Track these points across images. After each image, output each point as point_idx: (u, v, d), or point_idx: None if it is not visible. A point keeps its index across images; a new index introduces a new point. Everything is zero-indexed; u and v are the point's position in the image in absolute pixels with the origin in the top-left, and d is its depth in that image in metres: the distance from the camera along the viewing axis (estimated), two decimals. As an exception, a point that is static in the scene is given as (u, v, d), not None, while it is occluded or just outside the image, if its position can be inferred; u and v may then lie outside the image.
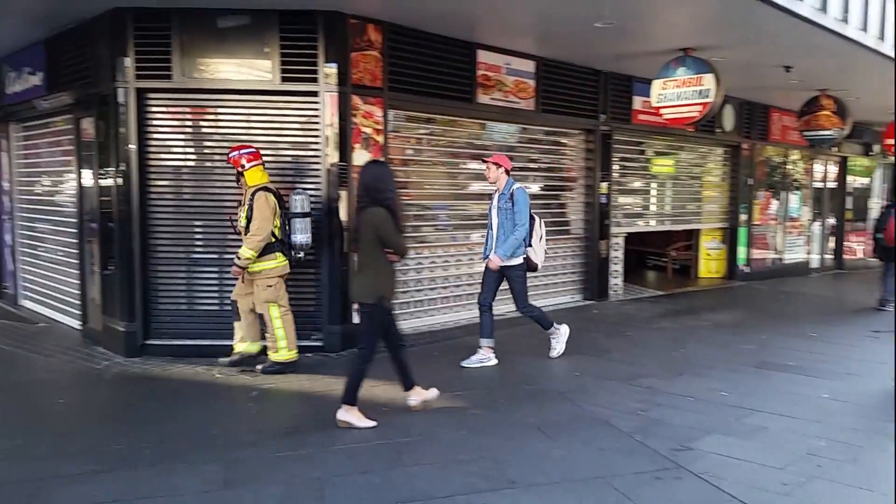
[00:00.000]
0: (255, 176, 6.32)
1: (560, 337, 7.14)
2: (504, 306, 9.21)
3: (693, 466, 4.37)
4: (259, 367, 6.52)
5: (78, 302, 8.22)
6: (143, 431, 5.03)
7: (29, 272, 9.80)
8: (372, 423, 5.06)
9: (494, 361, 6.83)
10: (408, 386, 5.41)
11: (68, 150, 8.28)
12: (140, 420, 5.34)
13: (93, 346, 7.56)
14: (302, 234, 6.50)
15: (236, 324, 6.58)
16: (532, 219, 6.78)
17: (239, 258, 6.22)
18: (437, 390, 5.51)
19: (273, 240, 6.28)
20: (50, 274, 9.18)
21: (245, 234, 6.23)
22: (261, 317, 6.46)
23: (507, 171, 6.82)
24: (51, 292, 9.19)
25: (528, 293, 7.04)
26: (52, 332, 8.35)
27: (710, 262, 13.29)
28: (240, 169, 6.35)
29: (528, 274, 7.02)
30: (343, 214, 7.19)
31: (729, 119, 12.33)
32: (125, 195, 7.09)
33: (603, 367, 6.75)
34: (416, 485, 4.12)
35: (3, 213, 10.18)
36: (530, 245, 6.81)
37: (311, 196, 7.18)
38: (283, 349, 6.45)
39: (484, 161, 6.96)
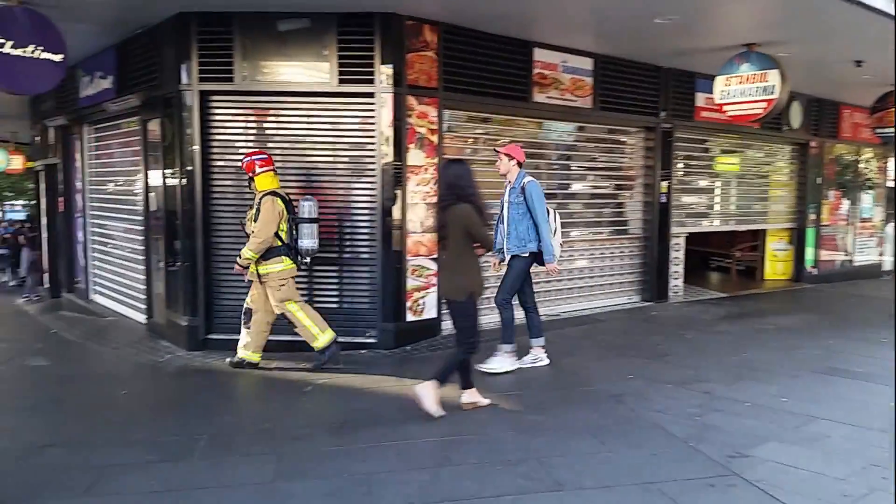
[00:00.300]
0: (265, 181, 6.51)
1: (506, 360, 6.52)
2: (559, 306, 9.18)
3: (748, 474, 4.25)
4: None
5: (144, 297, 8.53)
6: (201, 423, 5.20)
7: (99, 268, 10.21)
8: (440, 413, 5.18)
9: (546, 362, 6.76)
10: (465, 385, 5.49)
11: (136, 151, 8.59)
12: (198, 412, 5.52)
13: (157, 339, 7.84)
14: (308, 240, 6.66)
15: (244, 329, 6.71)
16: (546, 211, 6.49)
17: (240, 257, 6.46)
18: (491, 401, 5.56)
19: (279, 244, 6.46)
20: (118, 270, 9.55)
21: None
22: (283, 316, 6.61)
23: (519, 164, 6.55)
24: (119, 287, 9.56)
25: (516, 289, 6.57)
26: (119, 326, 8.70)
27: (776, 264, 12.89)
28: (251, 174, 6.54)
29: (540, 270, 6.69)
30: (397, 213, 7.26)
31: (796, 116, 11.92)
32: (189, 194, 7.33)
33: (659, 370, 6.61)
34: (463, 484, 4.12)
35: (76, 211, 10.64)
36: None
37: (367, 195, 7.32)
38: (318, 334, 6.57)
39: (496, 151, 6.69)
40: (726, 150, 11.78)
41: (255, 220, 6.39)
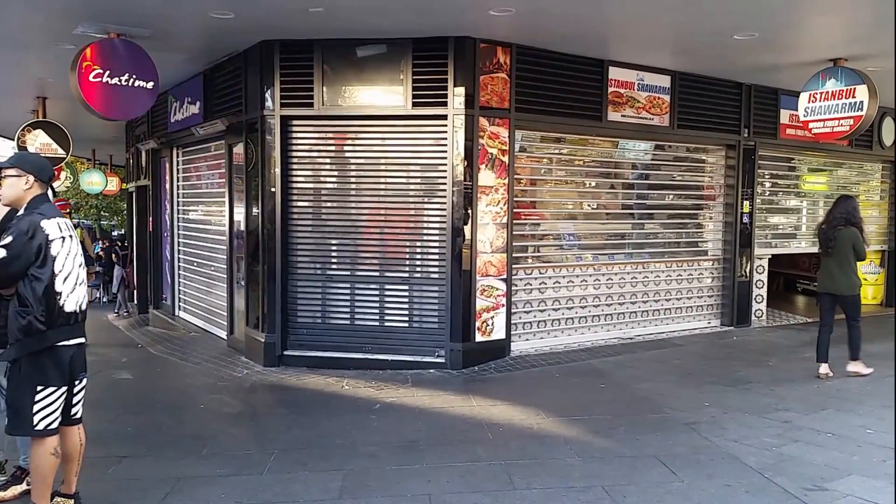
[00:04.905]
0: None
1: None
2: (633, 329, 8.98)
3: (826, 510, 4.04)
4: None
5: (225, 314, 8.84)
6: (273, 438, 5.35)
7: (185, 285, 10.66)
8: (870, 370, 7.04)
9: None
10: (855, 356, 7.12)
11: (222, 174, 8.97)
12: (270, 427, 5.68)
13: (236, 355, 8.11)
14: None
15: None
16: None
17: None
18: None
19: None
20: (203, 287, 9.94)
21: None
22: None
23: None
24: (203, 304, 9.94)
25: None
26: (201, 342, 9.05)
27: (866, 288, 12.14)
28: None
29: None
30: (467, 234, 7.29)
31: (889, 133, 11.32)
32: (270, 215, 7.59)
33: (737, 397, 6.37)
34: (526, 508, 4.08)
35: (165, 230, 11.16)
36: None
37: (438, 215, 7.39)
38: None
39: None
40: (813, 168, 11.34)
41: None
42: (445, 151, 7.31)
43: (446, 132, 7.27)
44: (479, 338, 7.46)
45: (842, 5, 6.34)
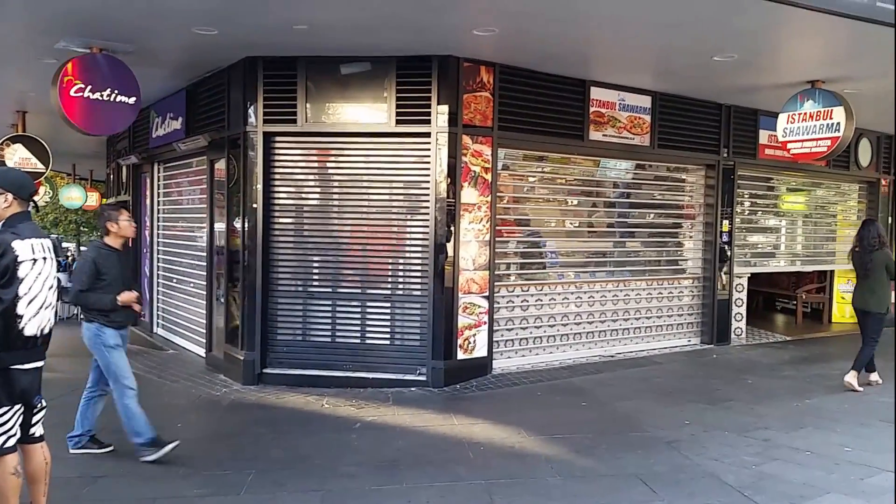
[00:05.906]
0: None
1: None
2: (614, 347, 9.00)
3: (805, 529, 4.06)
4: None
5: (204, 331, 8.75)
6: (250, 458, 5.28)
7: (164, 302, 10.54)
8: (860, 389, 7.17)
9: None
10: (857, 368, 7.32)
11: (203, 189, 8.90)
12: (249, 446, 5.60)
13: (214, 373, 8.02)
14: None
15: None
16: None
17: None
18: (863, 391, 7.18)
19: None
20: (181, 304, 9.84)
21: None
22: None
23: None
24: (181, 321, 9.84)
25: None
26: (179, 359, 8.93)
27: (844, 306, 12.30)
28: None
29: None
30: (450, 251, 7.29)
31: (865, 154, 11.52)
32: (251, 231, 7.54)
33: (717, 415, 6.40)
34: (506, 528, 4.06)
35: (145, 246, 11.05)
36: None
37: (421, 233, 7.38)
38: None
39: None
40: (792, 188, 11.49)
41: None
42: (428, 169, 7.32)
43: (429, 150, 7.29)
44: (460, 355, 7.44)
45: (819, 29, 6.44)
